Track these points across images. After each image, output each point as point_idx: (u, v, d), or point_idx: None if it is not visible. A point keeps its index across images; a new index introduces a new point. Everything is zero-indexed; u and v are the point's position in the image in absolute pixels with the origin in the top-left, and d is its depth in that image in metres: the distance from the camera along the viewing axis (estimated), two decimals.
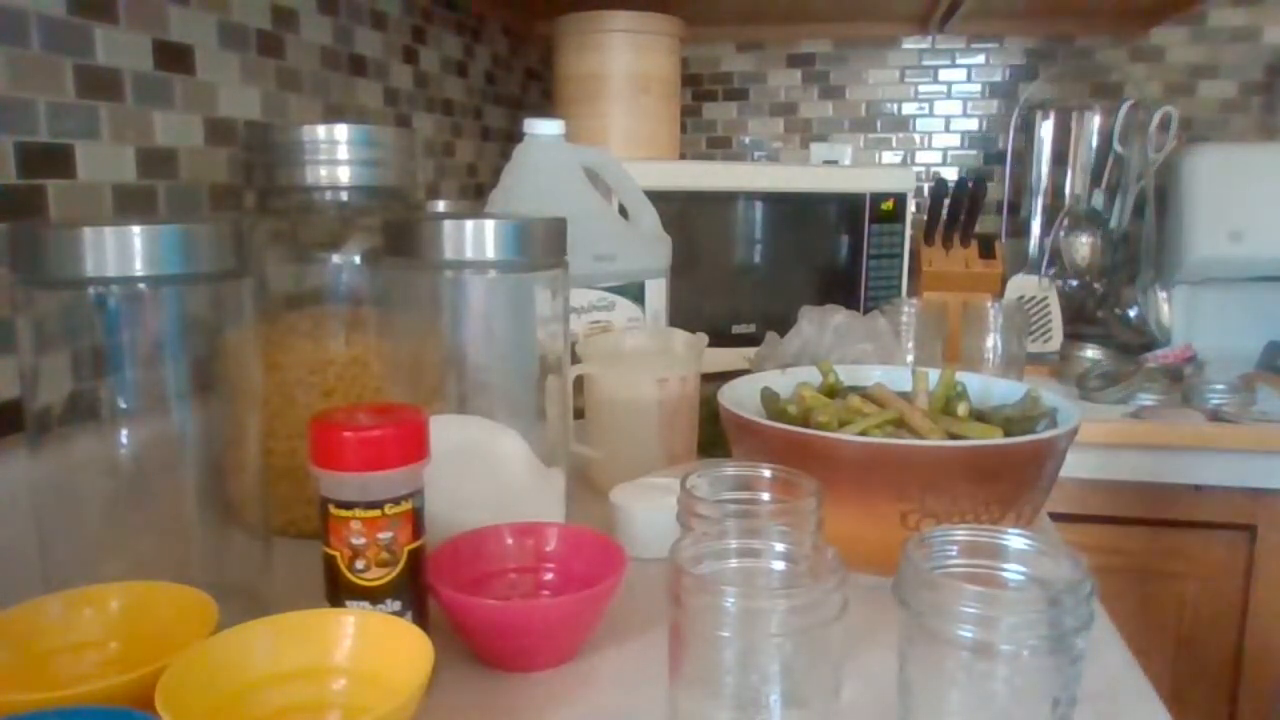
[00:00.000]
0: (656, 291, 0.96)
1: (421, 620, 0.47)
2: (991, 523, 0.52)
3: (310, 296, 0.67)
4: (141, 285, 0.46)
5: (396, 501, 0.45)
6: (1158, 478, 1.07)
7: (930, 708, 0.39)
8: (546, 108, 1.64)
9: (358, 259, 0.66)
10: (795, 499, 0.50)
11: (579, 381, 0.77)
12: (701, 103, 1.74)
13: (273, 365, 0.65)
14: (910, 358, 0.97)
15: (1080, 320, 1.48)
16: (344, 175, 0.68)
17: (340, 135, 0.67)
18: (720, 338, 1.02)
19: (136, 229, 0.45)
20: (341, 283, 0.66)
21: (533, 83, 1.68)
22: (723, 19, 1.61)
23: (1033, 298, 1.42)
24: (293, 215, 0.69)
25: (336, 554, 0.45)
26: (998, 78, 1.64)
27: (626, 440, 0.76)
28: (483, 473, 0.57)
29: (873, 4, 1.52)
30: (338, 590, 0.45)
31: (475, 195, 1.41)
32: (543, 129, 0.92)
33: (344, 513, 0.45)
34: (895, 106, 1.69)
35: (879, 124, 1.70)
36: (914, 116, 1.69)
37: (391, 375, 0.65)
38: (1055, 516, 0.81)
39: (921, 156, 1.69)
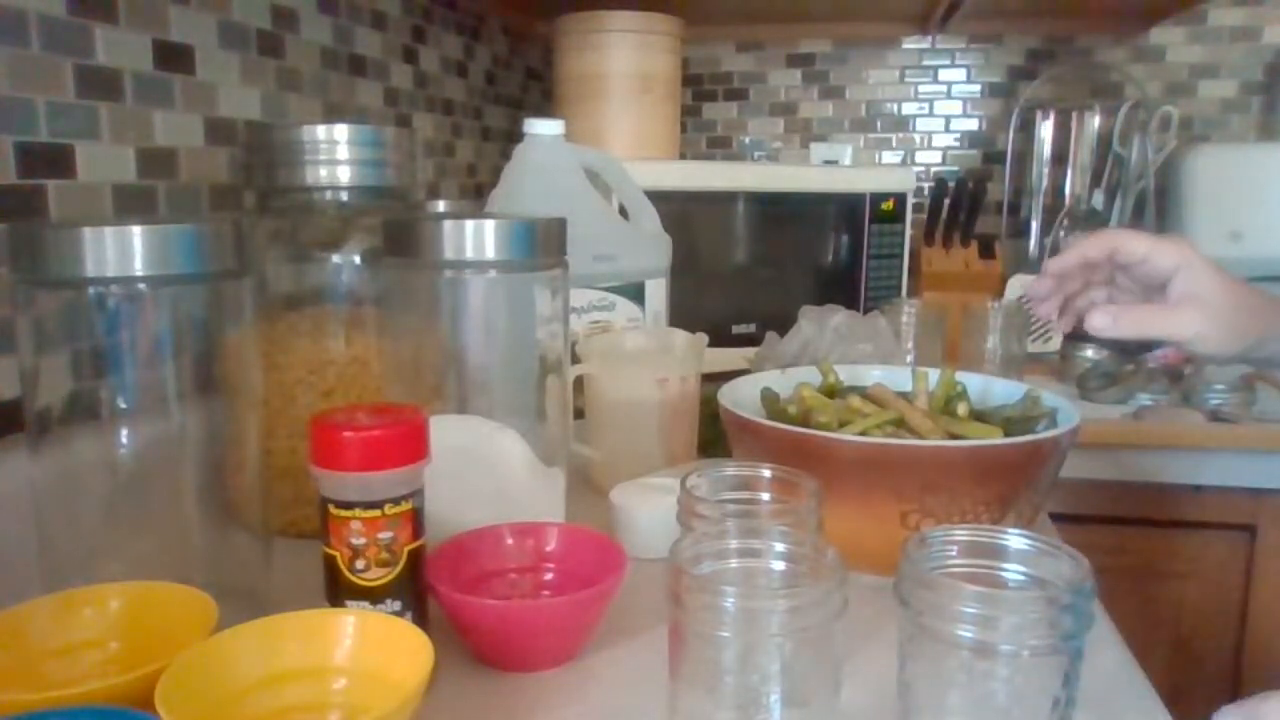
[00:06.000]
0: (656, 291, 0.96)
1: (421, 620, 0.47)
2: (991, 523, 0.52)
3: (310, 296, 0.67)
4: (141, 285, 0.46)
5: (396, 501, 0.45)
6: (1158, 478, 1.07)
7: (930, 708, 0.39)
8: (546, 108, 1.64)
9: (358, 259, 0.66)
10: (795, 499, 0.50)
11: (579, 381, 0.77)
12: (701, 103, 1.74)
13: (273, 365, 0.65)
14: (910, 358, 0.97)
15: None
16: (344, 175, 0.68)
17: (340, 135, 0.67)
18: (720, 338, 1.02)
19: (136, 229, 0.45)
20: (341, 283, 0.66)
21: (533, 83, 1.68)
22: (723, 19, 1.61)
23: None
24: (293, 215, 0.69)
25: (336, 554, 0.45)
26: (998, 78, 1.64)
27: (626, 440, 0.76)
28: (483, 473, 0.57)
29: (873, 4, 1.52)
30: (338, 590, 0.45)
31: (475, 195, 1.41)
32: (543, 129, 0.92)
33: (344, 513, 0.45)
34: (895, 106, 1.69)
35: (879, 124, 1.70)
36: (914, 116, 1.69)
37: (391, 375, 0.65)
38: (1055, 516, 0.81)
39: (921, 156, 1.69)
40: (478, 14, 1.42)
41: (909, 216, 1.26)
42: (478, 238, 0.59)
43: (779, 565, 0.43)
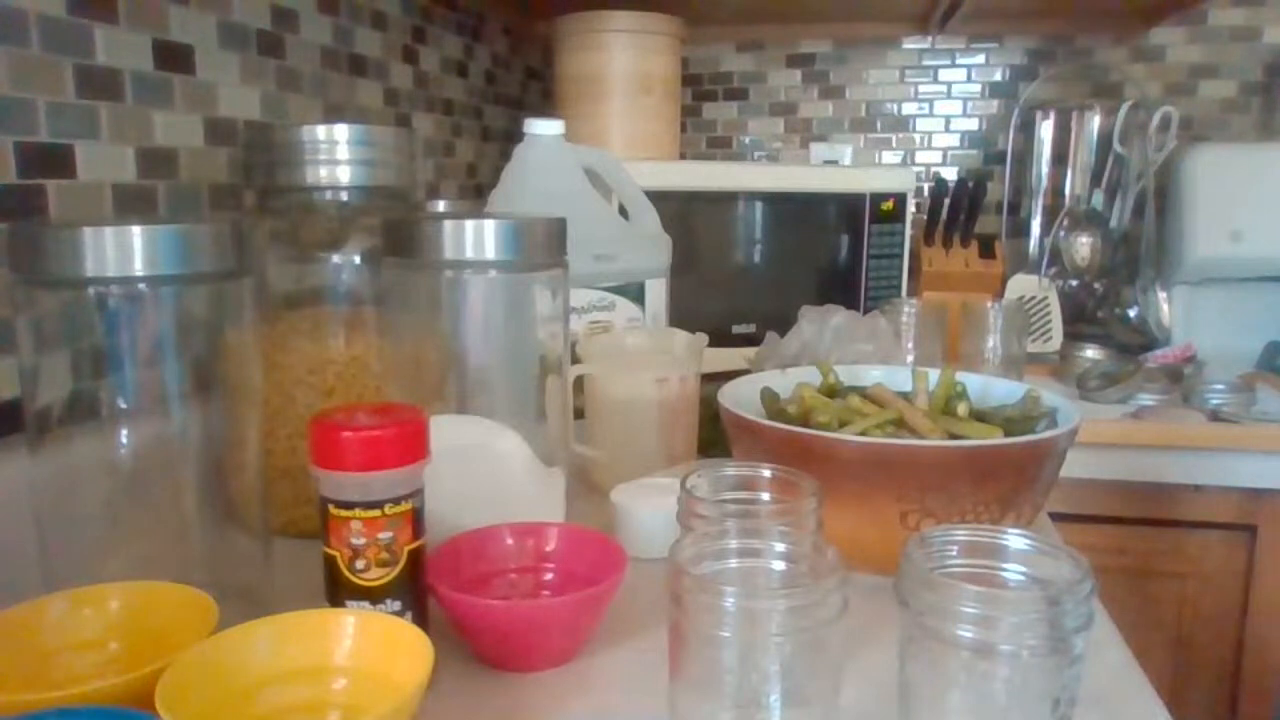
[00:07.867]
0: (656, 291, 0.96)
1: (421, 620, 0.47)
2: (991, 523, 0.52)
3: (310, 296, 0.67)
4: (141, 285, 0.46)
5: (396, 501, 0.45)
6: (1158, 478, 1.07)
7: (930, 708, 0.39)
8: (546, 108, 1.64)
9: (358, 259, 0.66)
10: (795, 499, 0.50)
11: (579, 381, 0.77)
12: (701, 103, 1.74)
13: (273, 365, 0.65)
14: (910, 358, 0.97)
15: (1080, 320, 1.48)
16: (344, 175, 0.67)
17: (340, 135, 0.67)
18: (720, 338, 1.02)
19: (136, 229, 0.45)
20: (341, 283, 0.66)
21: (533, 83, 1.68)
22: (723, 19, 1.61)
23: (1033, 298, 1.42)
24: (293, 215, 0.69)
25: (336, 554, 0.45)
26: (998, 78, 1.64)
27: (626, 440, 0.76)
28: (483, 473, 0.57)
29: (873, 4, 1.52)
30: (338, 590, 0.45)
31: (475, 195, 1.41)
32: (543, 129, 0.92)
33: (344, 513, 0.45)
34: (895, 106, 1.69)
35: (879, 124, 1.70)
36: (914, 116, 1.69)
37: (391, 375, 0.65)
38: (1055, 516, 0.81)
39: (921, 156, 1.69)
40: (478, 14, 1.42)
41: (909, 216, 1.26)
42: (478, 238, 0.59)
43: (779, 565, 0.43)
